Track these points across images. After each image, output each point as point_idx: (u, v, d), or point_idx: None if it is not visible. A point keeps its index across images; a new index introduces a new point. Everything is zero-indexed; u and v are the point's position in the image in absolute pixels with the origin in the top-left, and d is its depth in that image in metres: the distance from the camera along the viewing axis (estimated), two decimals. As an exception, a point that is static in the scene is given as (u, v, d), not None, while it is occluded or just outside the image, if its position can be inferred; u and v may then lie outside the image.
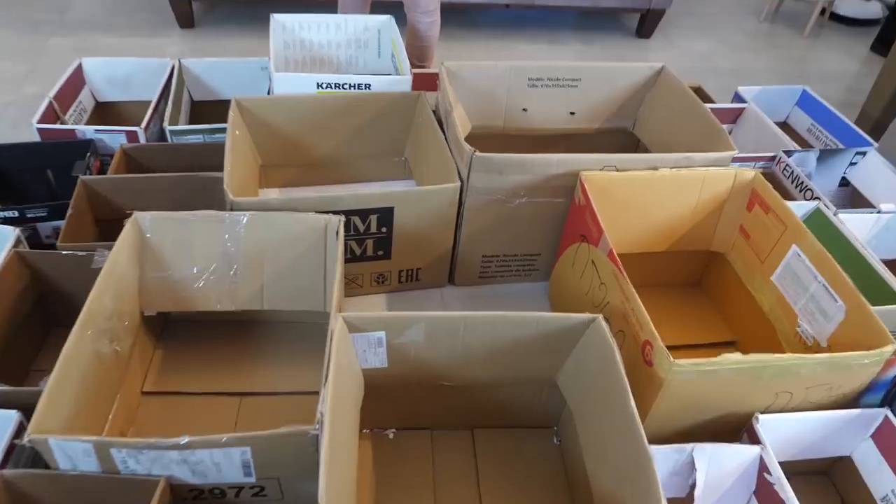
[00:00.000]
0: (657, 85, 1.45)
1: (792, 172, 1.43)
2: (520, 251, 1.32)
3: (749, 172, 1.19)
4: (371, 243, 1.21)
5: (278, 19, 1.55)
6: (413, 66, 1.84)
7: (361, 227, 1.17)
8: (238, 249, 1.07)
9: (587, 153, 1.15)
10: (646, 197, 1.19)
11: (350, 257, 1.22)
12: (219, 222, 1.06)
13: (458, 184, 1.16)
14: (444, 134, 1.28)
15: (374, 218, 1.16)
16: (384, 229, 1.19)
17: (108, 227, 1.28)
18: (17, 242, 1.08)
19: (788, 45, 2.70)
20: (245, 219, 1.05)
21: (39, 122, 1.38)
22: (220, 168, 1.13)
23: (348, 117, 1.38)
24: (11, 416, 0.85)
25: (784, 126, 1.84)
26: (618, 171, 1.16)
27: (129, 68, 1.62)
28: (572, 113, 1.47)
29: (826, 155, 1.51)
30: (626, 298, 0.96)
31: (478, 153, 1.12)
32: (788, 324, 1.09)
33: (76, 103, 1.56)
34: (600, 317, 0.90)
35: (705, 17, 2.84)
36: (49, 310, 1.15)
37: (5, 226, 1.10)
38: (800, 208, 1.30)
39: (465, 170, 1.16)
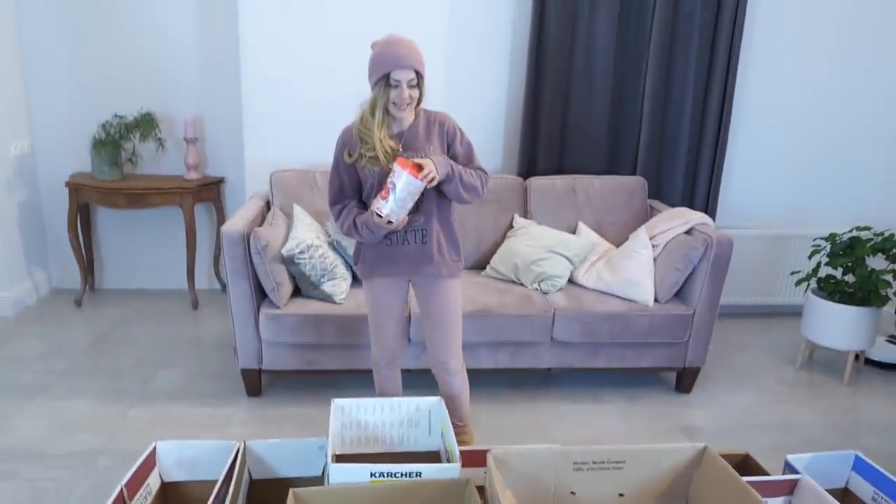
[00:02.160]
0: (703, 463, 1.47)
1: (866, 561, 1.35)
2: None
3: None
4: None
5: (338, 404, 1.70)
6: (452, 424, 1.93)
7: None
8: None
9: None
10: None
11: None
12: None
13: (510, 591, 1.13)
14: (494, 526, 1.29)
15: None
16: None
17: None
18: None
19: (830, 393, 2.72)
20: None
21: (108, 512, 1.45)
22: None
23: (400, 504, 1.42)
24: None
25: (846, 493, 1.78)
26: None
27: (198, 450, 1.73)
28: (621, 494, 1.48)
29: (899, 538, 1.43)
30: None
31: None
32: None
33: (144, 486, 1.64)
34: None
35: (741, 369, 2.92)
36: None
37: None
38: None
39: (517, 573, 1.14)
